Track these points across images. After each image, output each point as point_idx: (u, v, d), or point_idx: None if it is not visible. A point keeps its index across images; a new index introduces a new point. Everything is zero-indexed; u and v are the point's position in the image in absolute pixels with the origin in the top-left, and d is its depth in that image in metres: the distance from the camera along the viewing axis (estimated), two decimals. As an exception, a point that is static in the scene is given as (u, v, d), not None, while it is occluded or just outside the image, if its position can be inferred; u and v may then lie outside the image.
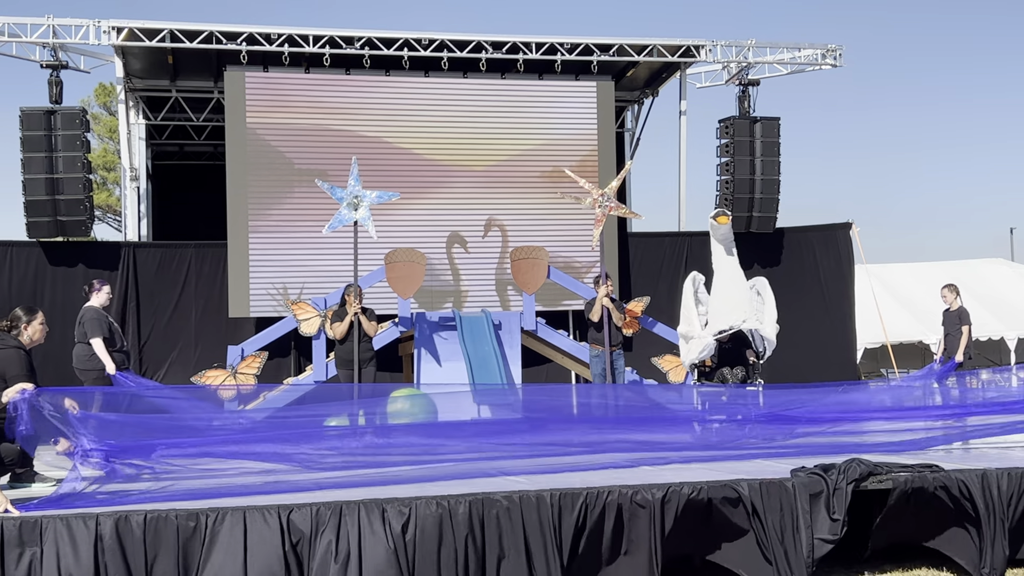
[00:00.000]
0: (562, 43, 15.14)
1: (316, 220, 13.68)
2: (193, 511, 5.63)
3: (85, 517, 5.48)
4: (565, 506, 6.07)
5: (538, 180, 15.01)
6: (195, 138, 17.79)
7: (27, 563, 5.35)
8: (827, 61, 16.13)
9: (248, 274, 14.12)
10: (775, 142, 15.76)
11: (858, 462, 6.57)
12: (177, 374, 13.64)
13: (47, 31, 13.89)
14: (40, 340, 7.80)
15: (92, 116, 28.05)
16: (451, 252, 14.68)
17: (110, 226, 32.56)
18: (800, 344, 15.67)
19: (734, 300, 11.25)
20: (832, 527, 6.36)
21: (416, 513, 5.87)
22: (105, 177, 32.53)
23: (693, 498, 6.26)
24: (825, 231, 16.20)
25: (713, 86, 16.61)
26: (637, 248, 15.73)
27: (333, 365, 12.21)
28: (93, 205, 14.33)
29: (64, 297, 13.39)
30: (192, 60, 15.18)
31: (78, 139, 13.78)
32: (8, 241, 14.02)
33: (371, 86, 14.78)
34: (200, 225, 16.39)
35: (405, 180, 14.45)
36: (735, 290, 11.34)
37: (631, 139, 18.06)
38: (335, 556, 5.69)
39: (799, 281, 15.84)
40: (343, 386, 10.92)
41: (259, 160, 14.29)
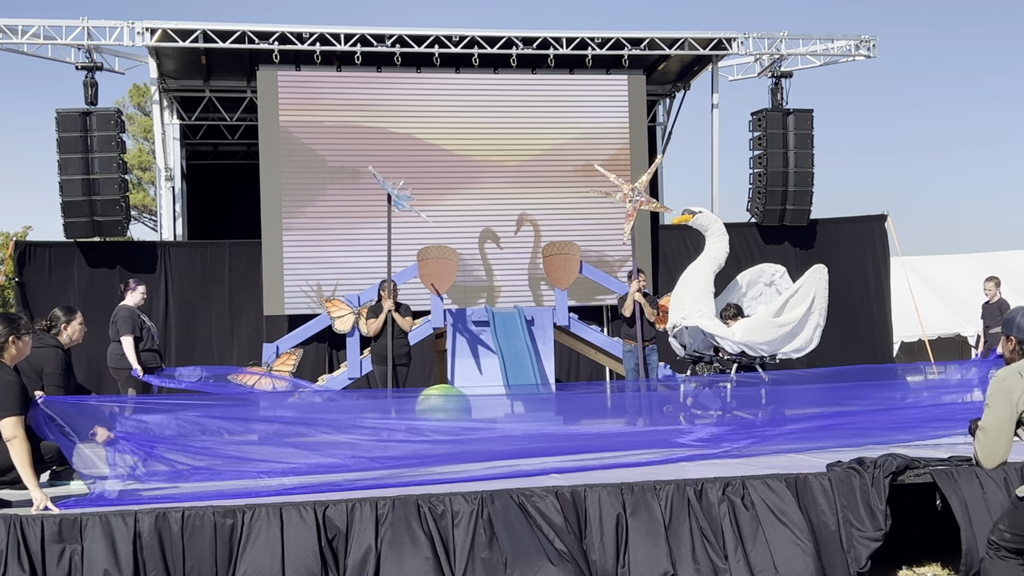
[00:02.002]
0: (593, 38, 15.11)
1: (349, 218, 13.77)
2: (230, 508, 5.68)
3: (124, 515, 5.53)
4: (604, 500, 6.07)
5: (570, 175, 14.99)
6: (229, 137, 17.92)
7: (67, 560, 5.41)
8: (860, 52, 15.99)
9: (282, 272, 14.21)
10: (808, 134, 15.65)
11: (894, 456, 6.51)
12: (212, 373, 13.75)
13: (82, 33, 14.03)
14: (78, 340, 7.90)
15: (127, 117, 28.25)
16: (483, 248, 14.70)
17: (146, 226, 32.87)
18: (835, 339, 15.54)
19: (674, 298, 10.98)
20: (875, 522, 6.30)
21: (452, 508, 5.89)
22: (140, 177, 32.84)
23: (728, 493, 6.23)
24: (859, 223, 16.07)
25: (745, 79, 16.52)
26: (669, 242, 15.68)
27: (367, 362, 12.27)
28: (129, 205, 14.47)
29: (101, 296, 13.52)
30: (225, 60, 15.28)
31: (113, 140, 13.92)
32: (46, 241, 14.17)
33: (402, 83, 14.82)
34: (234, 224, 16.53)
35: (437, 177, 14.50)
36: (678, 289, 11.05)
37: (663, 133, 17.99)
38: (371, 552, 5.72)
39: (833, 274, 15.59)
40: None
41: (292, 158, 14.37)
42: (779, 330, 10.39)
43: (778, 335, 10.39)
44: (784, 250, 15.67)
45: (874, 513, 6.29)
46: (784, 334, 10.40)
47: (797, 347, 10.58)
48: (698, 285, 10.78)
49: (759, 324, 10.41)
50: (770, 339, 10.38)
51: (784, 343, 10.46)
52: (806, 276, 10.71)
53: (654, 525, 6.09)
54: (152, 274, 13.92)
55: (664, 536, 6.08)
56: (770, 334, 10.38)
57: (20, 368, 6.18)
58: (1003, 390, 5.32)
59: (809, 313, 10.48)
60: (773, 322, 10.40)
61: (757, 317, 10.56)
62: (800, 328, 10.48)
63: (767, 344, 10.39)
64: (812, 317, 10.52)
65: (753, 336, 10.33)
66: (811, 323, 10.53)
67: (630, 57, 15.35)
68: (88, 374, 12.69)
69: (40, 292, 13.66)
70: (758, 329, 10.36)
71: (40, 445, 6.09)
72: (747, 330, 10.38)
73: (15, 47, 14.16)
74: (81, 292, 13.70)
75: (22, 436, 5.79)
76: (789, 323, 10.40)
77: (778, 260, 15.62)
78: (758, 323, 10.43)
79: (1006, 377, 5.32)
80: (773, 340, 10.40)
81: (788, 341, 10.47)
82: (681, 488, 6.21)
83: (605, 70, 15.49)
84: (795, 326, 10.42)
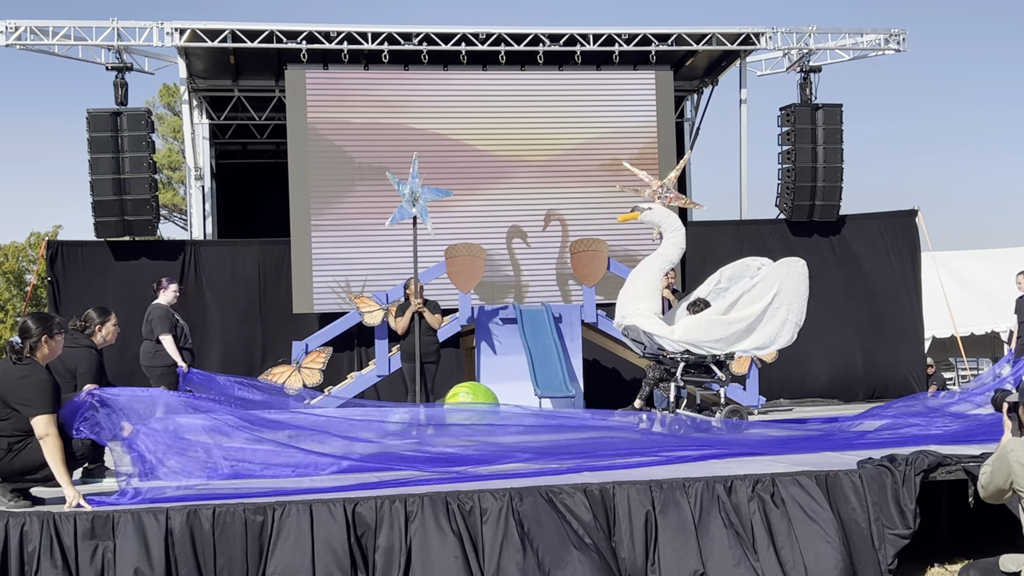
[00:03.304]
0: (620, 34, 15.07)
1: (377, 215, 13.79)
2: (260, 505, 5.71)
3: (156, 512, 5.58)
4: (633, 498, 6.06)
5: (597, 172, 14.96)
6: (257, 137, 18.01)
7: (100, 557, 5.46)
8: (890, 46, 15.85)
9: (311, 270, 14.27)
10: (838, 129, 15.53)
11: (925, 453, 6.46)
12: (242, 371, 13.82)
13: (112, 34, 14.14)
14: (112, 341, 7.98)
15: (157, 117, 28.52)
16: (511, 245, 14.70)
17: (176, 225, 33.11)
18: (866, 336, 15.47)
19: (619, 297, 10.49)
20: (904, 520, 6.26)
21: (480, 505, 5.90)
22: (170, 177, 33.08)
23: (758, 490, 6.21)
24: (890, 218, 15.93)
25: (774, 73, 16.42)
26: (697, 238, 15.60)
27: (396, 359, 12.31)
28: (159, 204, 14.57)
29: (131, 295, 13.61)
30: (253, 59, 15.35)
31: (143, 140, 14.02)
32: (77, 241, 14.30)
33: (429, 81, 14.84)
34: (263, 222, 16.62)
35: (464, 174, 14.52)
36: (624, 287, 10.57)
37: (691, 129, 17.92)
38: (400, 548, 5.73)
39: (864, 270, 15.61)
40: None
41: (320, 157, 14.43)
42: (729, 327, 9.91)
43: (729, 332, 9.90)
44: (813, 246, 15.56)
45: (904, 511, 6.25)
46: (738, 330, 9.91)
47: (759, 344, 10.09)
48: (641, 283, 10.32)
49: (703, 322, 9.97)
50: (719, 336, 9.90)
51: (739, 340, 9.97)
52: (769, 270, 10.25)
53: (683, 523, 6.08)
54: (182, 273, 14.00)
55: (694, 534, 6.06)
56: (718, 332, 9.90)
57: (53, 367, 6.25)
58: (1006, 463, 5.09)
59: (771, 308, 9.98)
60: (721, 319, 9.95)
61: (703, 314, 10.11)
62: (759, 324, 9.97)
63: (716, 341, 9.91)
64: (778, 312, 10.01)
65: (696, 334, 9.89)
66: (776, 319, 10.02)
67: (657, 53, 15.29)
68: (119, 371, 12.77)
69: (71, 291, 13.78)
70: (702, 327, 9.91)
71: (72, 443, 6.15)
72: (689, 328, 9.94)
73: (46, 48, 14.29)
74: (111, 291, 13.79)
75: (55, 434, 5.85)
76: (744, 319, 9.92)
77: (807, 256, 15.50)
78: (702, 321, 9.99)
79: (1012, 450, 5.08)
80: (724, 337, 9.91)
81: (744, 337, 9.98)
82: (710, 485, 6.20)
83: (632, 66, 15.43)
84: (752, 322, 9.93)
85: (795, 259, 10.42)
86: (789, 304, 10.06)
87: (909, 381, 15.38)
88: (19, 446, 5.97)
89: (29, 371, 5.99)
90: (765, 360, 13.02)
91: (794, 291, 10.10)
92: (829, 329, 15.24)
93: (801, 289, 10.17)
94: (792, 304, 10.08)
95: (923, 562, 6.64)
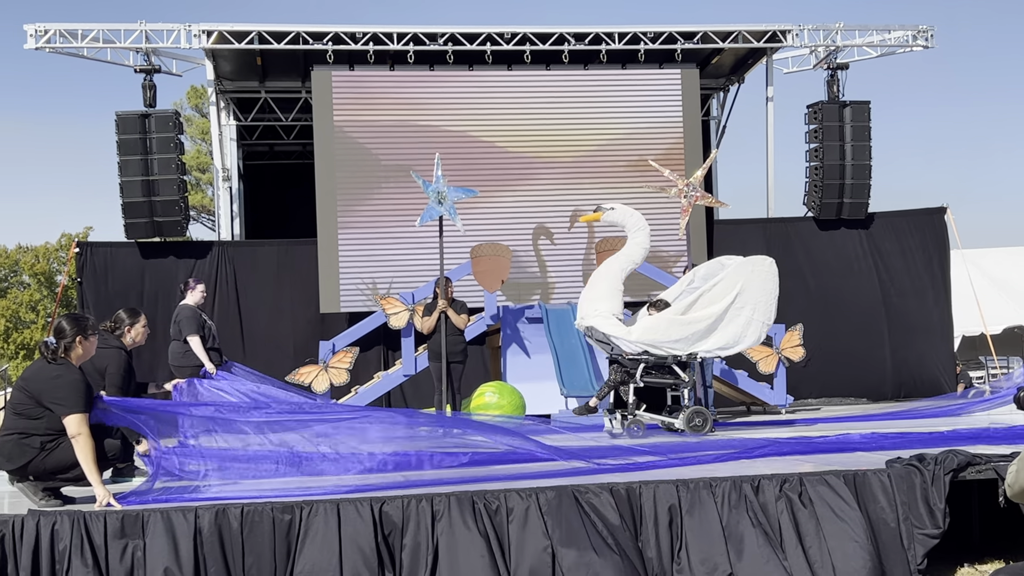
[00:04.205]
0: (645, 32, 15.04)
1: (403, 215, 13.84)
2: (288, 504, 5.74)
3: (184, 511, 5.62)
4: (660, 497, 6.06)
5: (623, 170, 14.94)
6: (284, 138, 18.10)
7: (130, 556, 5.50)
8: (918, 43, 15.74)
9: (338, 270, 14.33)
10: (865, 126, 15.44)
11: (955, 452, 6.42)
12: (269, 371, 13.88)
13: (140, 36, 14.25)
14: (141, 342, 8.04)
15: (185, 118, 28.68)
16: (537, 245, 14.71)
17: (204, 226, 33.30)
18: (895, 334, 15.37)
19: (580, 299, 10.38)
20: (934, 520, 6.22)
21: (506, 505, 5.91)
22: (199, 178, 33.31)
23: (786, 489, 6.19)
24: (918, 216, 15.81)
25: (801, 71, 16.34)
26: (724, 236, 15.56)
27: (423, 359, 12.34)
28: (188, 206, 14.67)
29: (160, 295, 13.72)
30: (280, 61, 15.43)
31: (172, 141, 14.11)
32: (107, 242, 14.42)
33: (455, 81, 14.87)
34: (291, 223, 16.70)
35: (490, 174, 14.53)
36: (585, 288, 10.46)
37: (717, 127, 17.86)
38: (427, 547, 5.75)
39: (892, 268, 15.51)
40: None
41: (346, 158, 14.49)
42: (689, 327, 9.77)
43: (688, 332, 9.77)
44: (841, 244, 15.49)
45: (933, 511, 6.21)
46: (698, 331, 9.77)
47: (722, 344, 9.93)
48: (603, 283, 10.19)
49: (662, 322, 9.84)
50: (678, 337, 9.76)
51: (700, 340, 9.83)
52: (731, 269, 10.07)
53: (710, 522, 6.07)
54: (210, 273, 14.09)
55: (721, 533, 6.05)
56: (677, 332, 9.76)
57: (83, 367, 6.30)
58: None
59: (734, 308, 9.83)
60: (679, 319, 9.82)
61: (661, 315, 9.99)
62: (720, 324, 9.83)
63: (676, 342, 9.77)
64: (742, 312, 9.86)
65: (655, 335, 9.76)
66: (740, 318, 9.86)
67: (683, 51, 15.24)
68: (147, 371, 12.87)
69: (101, 292, 13.88)
70: (660, 328, 9.78)
71: (104, 443, 6.21)
72: (647, 329, 9.81)
73: (75, 51, 14.42)
74: (141, 292, 13.90)
75: (87, 433, 5.90)
76: (704, 319, 9.78)
77: (836, 255, 15.51)
78: (660, 321, 9.87)
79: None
80: (684, 337, 9.77)
81: (705, 337, 9.83)
82: (737, 485, 6.18)
83: (658, 64, 15.40)
84: (713, 322, 9.78)
85: (762, 257, 10.27)
86: (754, 303, 9.91)
87: (939, 380, 15.27)
88: (51, 445, 6.04)
89: (63, 371, 6.05)
90: (793, 359, 12.97)
91: (760, 290, 9.95)
92: (857, 327, 15.16)
93: (768, 288, 10.01)
94: (758, 303, 9.93)
95: (953, 562, 6.59)
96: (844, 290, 15.33)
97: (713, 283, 9.98)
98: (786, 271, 15.23)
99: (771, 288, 10.04)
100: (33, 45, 14.09)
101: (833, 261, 15.42)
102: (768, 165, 16.17)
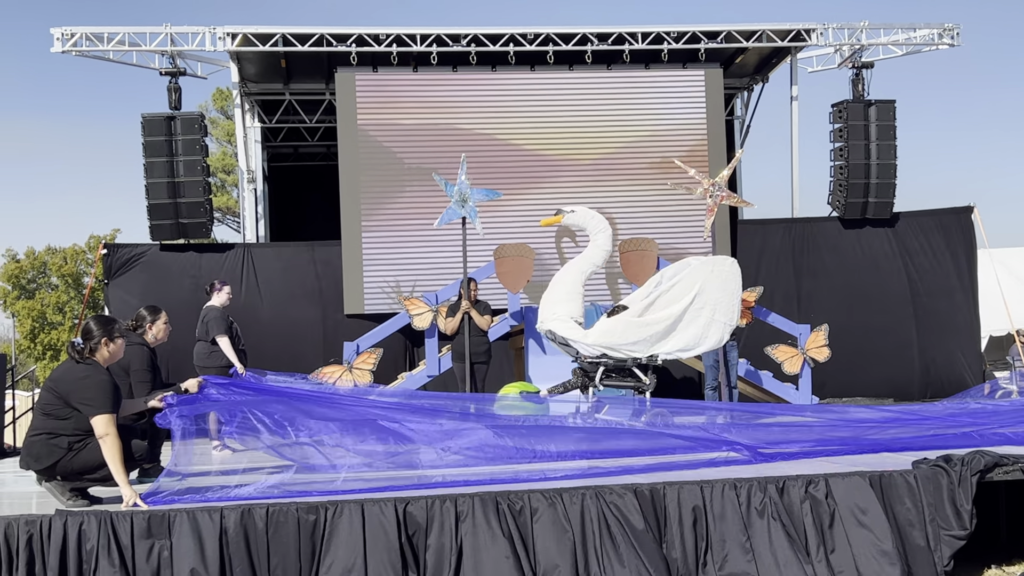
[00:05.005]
0: (668, 32, 15.01)
1: (427, 217, 13.86)
2: (313, 504, 5.77)
3: (210, 511, 5.65)
4: (684, 498, 6.04)
5: (647, 171, 14.91)
6: (308, 140, 18.17)
7: (156, 556, 5.54)
8: (944, 41, 15.64)
9: (362, 271, 14.37)
10: (891, 125, 15.35)
11: (982, 453, 6.37)
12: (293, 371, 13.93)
13: (165, 39, 14.35)
14: (164, 339, 8.10)
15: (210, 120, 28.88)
16: (560, 245, 14.69)
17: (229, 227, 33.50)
18: (922, 334, 15.26)
19: (541, 302, 10.31)
20: (960, 521, 6.17)
21: (530, 505, 5.91)
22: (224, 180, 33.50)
23: (811, 491, 6.16)
24: (945, 215, 15.70)
25: (825, 70, 16.27)
26: (748, 236, 15.51)
27: (446, 359, 12.36)
28: (213, 208, 14.74)
29: (186, 297, 13.78)
30: (304, 63, 15.50)
31: (197, 143, 14.20)
32: (133, 244, 14.52)
33: (478, 82, 14.89)
34: (315, 224, 16.77)
35: (513, 175, 14.55)
36: (545, 292, 10.40)
37: (741, 126, 17.80)
38: (451, 548, 5.76)
39: (919, 268, 15.42)
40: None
41: (370, 159, 14.53)
42: (646, 329, 9.71)
43: (647, 334, 9.70)
44: (866, 244, 15.40)
45: (960, 512, 6.16)
46: (656, 332, 9.71)
47: (682, 346, 9.84)
48: (560, 287, 10.13)
49: (618, 325, 9.77)
50: (636, 339, 9.70)
51: (659, 342, 9.75)
52: (689, 270, 9.98)
53: (734, 523, 6.05)
54: (235, 275, 14.16)
55: (745, 534, 6.03)
56: (634, 334, 9.70)
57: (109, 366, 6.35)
58: None
59: (693, 309, 9.75)
60: (636, 322, 9.75)
61: (618, 317, 9.89)
62: (679, 325, 9.76)
63: (634, 344, 9.70)
64: (702, 313, 9.76)
65: (612, 338, 9.69)
66: (700, 319, 9.77)
67: (707, 51, 15.21)
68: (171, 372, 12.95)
69: (128, 293, 13.98)
70: (617, 330, 9.71)
71: (131, 444, 6.25)
72: (604, 332, 9.74)
73: (101, 54, 14.53)
74: (167, 293, 13.96)
75: (114, 434, 5.95)
76: (661, 321, 9.71)
77: (862, 254, 15.42)
78: (617, 324, 9.78)
79: None
80: (642, 339, 9.71)
81: (664, 339, 9.75)
82: (762, 485, 6.16)
83: (681, 64, 15.36)
84: (671, 323, 9.72)
85: (723, 257, 10.20)
86: (715, 304, 9.81)
87: (966, 380, 15.16)
88: (79, 445, 6.08)
89: (90, 371, 6.10)
90: (818, 359, 12.91)
91: (720, 290, 9.84)
92: (884, 327, 15.08)
93: (729, 288, 9.89)
94: (718, 303, 9.82)
95: (980, 564, 6.55)
96: (871, 289, 15.25)
97: (671, 284, 9.89)
98: (811, 271, 15.28)
99: (732, 288, 9.92)
100: (60, 48, 14.22)
101: (860, 260, 15.34)
102: (792, 164, 16.12)
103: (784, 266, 15.30)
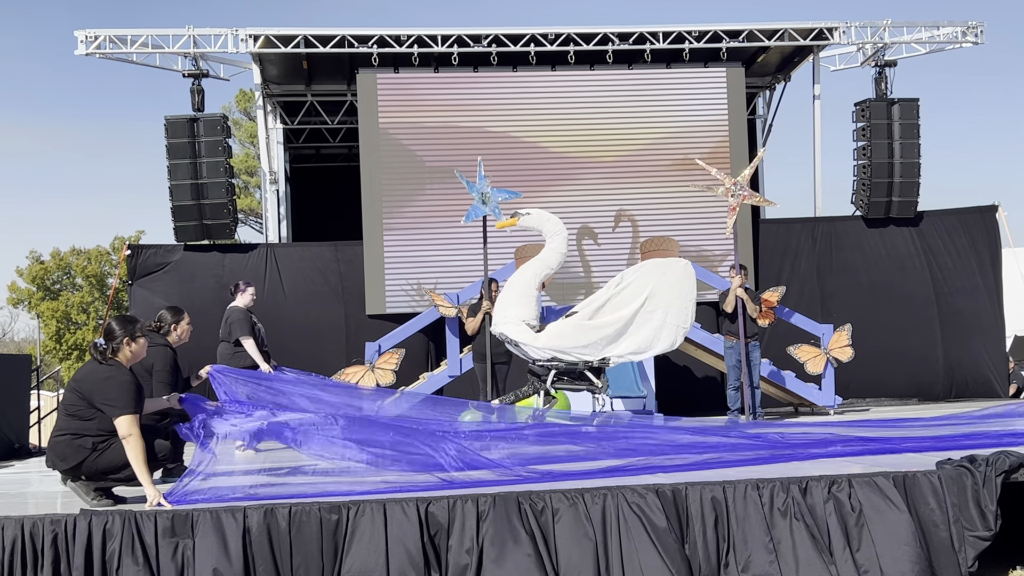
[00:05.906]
0: (690, 31, 14.98)
1: (448, 217, 13.90)
2: (335, 504, 5.79)
3: (233, 510, 5.68)
4: (705, 498, 6.03)
5: (668, 170, 14.89)
6: (330, 141, 18.24)
7: (180, 555, 5.58)
8: (968, 39, 15.54)
9: (383, 272, 14.41)
10: (914, 124, 15.26)
11: (1007, 454, 6.32)
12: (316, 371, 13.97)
13: (188, 41, 14.43)
14: (186, 340, 8.15)
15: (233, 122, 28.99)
16: (581, 245, 14.69)
17: (252, 228, 33.67)
18: (946, 334, 15.17)
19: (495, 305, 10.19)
20: (985, 522, 6.13)
21: (552, 505, 5.91)
22: (247, 181, 33.65)
23: (834, 491, 6.13)
24: (969, 214, 15.60)
25: (848, 68, 16.19)
26: (770, 235, 15.46)
27: (467, 360, 12.37)
28: (236, 209, 14.82)
29: (210, 298, 13.86)
30: (326, 64, 15.55)
31: (220, 145, 14.27)
32: (158, 245, 14.61)
33: (499, 83, 14.90)
34: (337, 225, 16.82)
35: (534, 174, 14.55)
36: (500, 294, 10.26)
37: (763, 125, 17.74)
38: (473, 548, 5.77)
39: (943, 267, 15.32)
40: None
41: (392, 160, 14.57)
42: (597, 332, 9.54)
43: (597, 337, 9.53)
44: (890, 244, 15.32)
45: (984, 513, 6.12)
46: (606, 335, 9.54)
47: (634, 348, 9.65)
48: (513, 290, 9.97)
49: (568, 328, 9.62)
50: (587, 342, 9.53)
51: (610, 344, 9.57)
52: (640, 272, 9.82)
53: (757, 524, 6.03)
54: (258, 275, 14.23)
55: (768, 535, 6.01)
56: (584, 337, 9.53)
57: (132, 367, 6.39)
58: None
59: (644, 312, 9.56)
60: (586, 324, 9.59)
61: (567, 320, 9.76)
62: (630, 327, 9.57)
63: (585, 348, 9.54)
64: (654, 315, 9.57)
65: (562, 341, 9.54)
66: (651, 322, 9.59)
67: (728, 50, 15.17)
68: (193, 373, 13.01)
69: (152, 294, 14.08)
70: (567, 333, 9.56)
71: (155, 444, 6.29)
72: (554, 335, 9.59)
73: (124, 57, 14.63)
74: (191, 293, 14.05)
75: (137, 434, 5.99)
76: (612, 324, 9.54)
77: (885, 253, 15.34)
78: (567, 326, 9.64)
79: None
80: (593, 342, 9.54)
81: (614, 341, 9.57)
82: (785, 486, 6.13)
83: (703, 63, 15.32)
84: (622, 326, 9.54)
85: (676, 260, 10.06)
86: (666, 306, 9.64)
87: (990, 380, 15.07)
88: (103, 446, 6.13)
89: (114, 372, 6.14)
90: (841, 359, 12.85)
91: (672, 292, 9.67)
92: (908, 327, 15.01)
93: (682, 291, 9.72)
94: (670, 306, 9.65)
95: (1005, 564, 6.50)
96: (894, 289, 15.17)
97: (622, 287, 9.76)
98: (834, 270, 15.21)
99: (685, 291, 9.75)
100: (84, 51, 14.33)
101: (883, 260, 15.26)
102: (815, 163, 16.05)
103: (807, 265, 15.25)
